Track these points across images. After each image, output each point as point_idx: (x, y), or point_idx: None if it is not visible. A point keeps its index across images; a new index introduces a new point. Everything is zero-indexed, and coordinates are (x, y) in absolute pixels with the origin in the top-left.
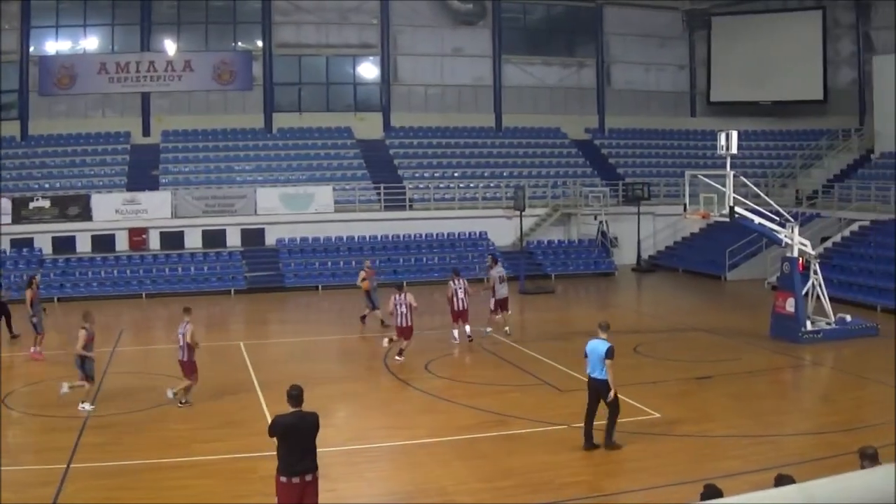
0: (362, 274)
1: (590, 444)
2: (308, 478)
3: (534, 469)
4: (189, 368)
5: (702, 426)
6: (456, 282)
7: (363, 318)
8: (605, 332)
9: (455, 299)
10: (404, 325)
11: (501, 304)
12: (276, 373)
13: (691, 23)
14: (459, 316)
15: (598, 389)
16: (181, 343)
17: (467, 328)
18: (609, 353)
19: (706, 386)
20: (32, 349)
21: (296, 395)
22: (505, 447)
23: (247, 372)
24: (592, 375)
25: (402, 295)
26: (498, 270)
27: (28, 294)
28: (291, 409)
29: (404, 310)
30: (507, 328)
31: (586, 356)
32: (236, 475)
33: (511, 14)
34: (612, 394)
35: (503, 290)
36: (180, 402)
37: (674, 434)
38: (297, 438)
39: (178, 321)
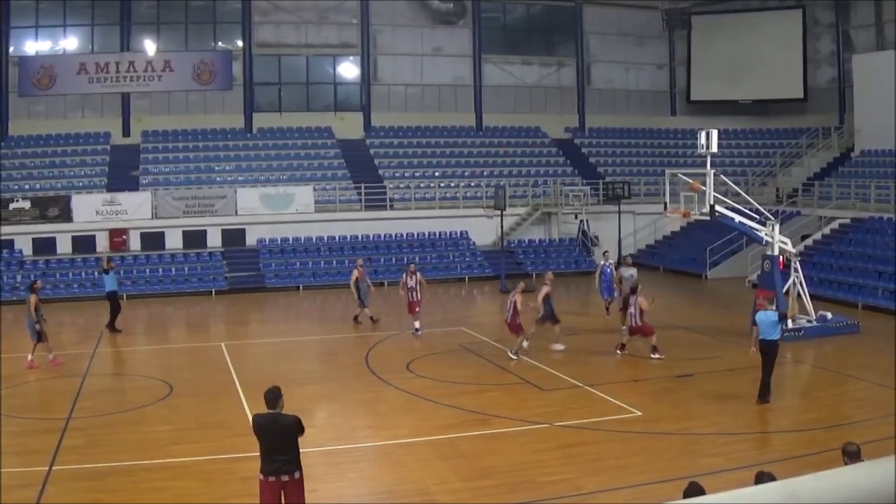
0: (355, 273)
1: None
2: (285, 478)
3: (515, 468)
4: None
5: (682, 424)
6: (409, 276)
7: (356, 318)
8: (772, 304)
9: (409, 292)
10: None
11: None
12: (257, 373)
13: (671, 22)
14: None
15: (767, 350)
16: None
17: (416, 323)
18: (780, 317)
19: (687, 384)
20: (50, 356)
21: (270, 398)
22: (486, 446)
23: (228, 373)
24: (763, 338)
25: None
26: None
27: (32, 300)
28: (267, 410)
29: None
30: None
31: (755, 324)
32: (216, 476)
33: (491, 14)
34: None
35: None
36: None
37: (655, 432)
38: (269, 439)
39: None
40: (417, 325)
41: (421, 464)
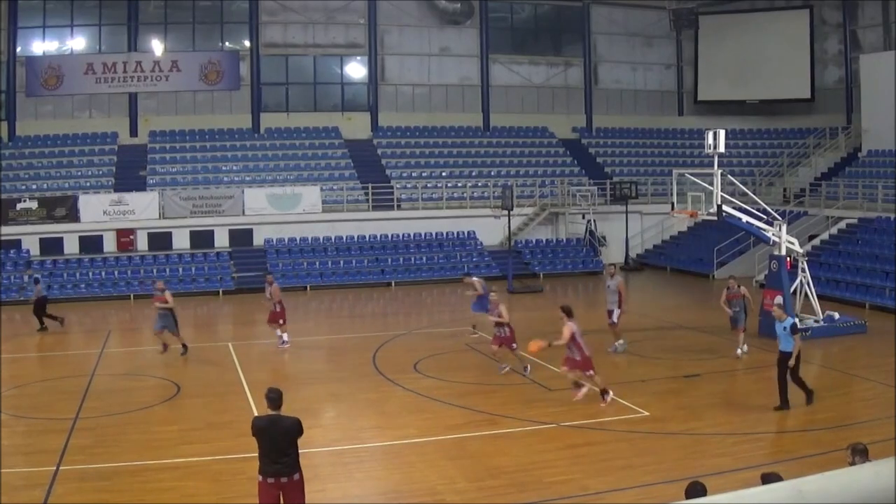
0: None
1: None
2: (283, 480)
3: (522, 468)
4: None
5: (689, 424)
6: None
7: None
8: (781, 308)
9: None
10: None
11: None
12: (264, 374)
13: (678, 22)
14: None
15: (779, 360)
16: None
17: (278, 331)
18: (792, 330)
19: (694, 384)
20: None
21: (272, 399)
22: (493, 446)
23: (235, 373)
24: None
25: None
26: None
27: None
28: (268, 412)
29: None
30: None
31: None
32: (223, 476)
33: (498, 14)
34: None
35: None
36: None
37: (661, 432)
38: (268, 441)
39: None
40: (285, 336)
41: (428, 464)
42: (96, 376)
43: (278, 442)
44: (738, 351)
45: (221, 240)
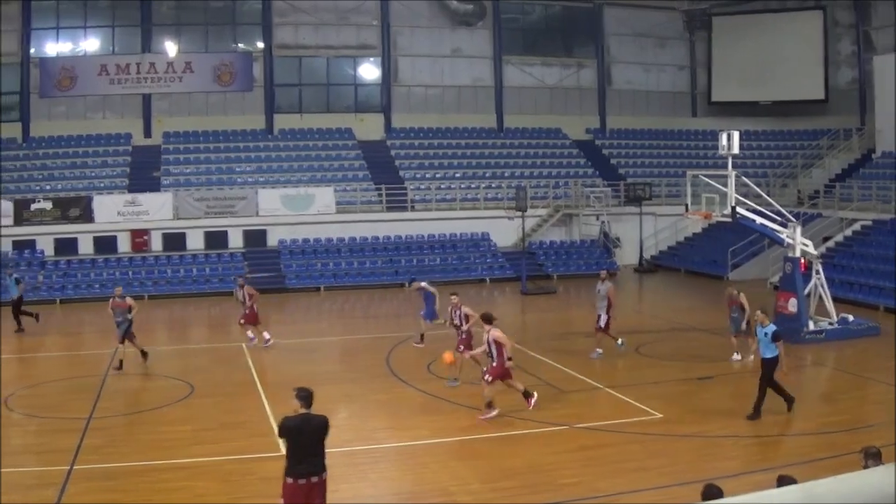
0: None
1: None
2: (314, 479)
3: (535, 469)
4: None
5: (702, 426)
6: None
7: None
8: (768, 318)
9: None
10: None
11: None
12: (278, 374)
13: (691, 23)
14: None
15: (762, 366)
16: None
17: (265, 333)
18: (773, 337)
19: (707, 386)
20: None
21: (305, 397)
22: (506, 448)
23: (249, 373)
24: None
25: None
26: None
27: None
28: (300, 411)
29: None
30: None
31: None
32: (235, 477)
33: (510, 15)
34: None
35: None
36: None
37: (674, 434)
38: (302, 440)
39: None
40: (266, 335)
41: (441, 465)
42: (109, 376)
43: (309, 441)
44: (734, 357)
45: (235, 240)
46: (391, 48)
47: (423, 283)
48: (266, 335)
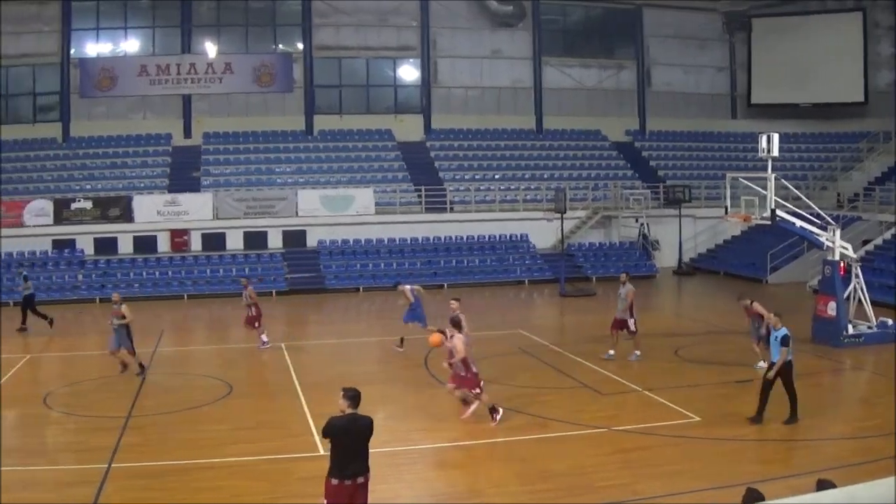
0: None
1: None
2: (359, 480)
3: (572, 472)
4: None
5: (741, 430)
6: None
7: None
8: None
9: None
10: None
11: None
12: (316, 374)
13: (731, 24)
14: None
15: (783, 371)
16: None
17: (262, 335)
18: (783, 342)
19: (745, 389)
20: None
21: (352, 397)
22: (543, 450)
23: (288, 373)
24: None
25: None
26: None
27: None
28: (347, 411)
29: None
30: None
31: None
32: (272, 476)
33: (550, 16)
34: (771, 373)
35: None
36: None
37: (712, 437)
38: (347, 441)
39: None
40: (264, 337)
41: (478, 467)
42: (149, 375)
43: (355, 442)
44: (759, 364)
45: (274, 241)
46: (431, 49)
47: (410, 286)
48: (264, 338)
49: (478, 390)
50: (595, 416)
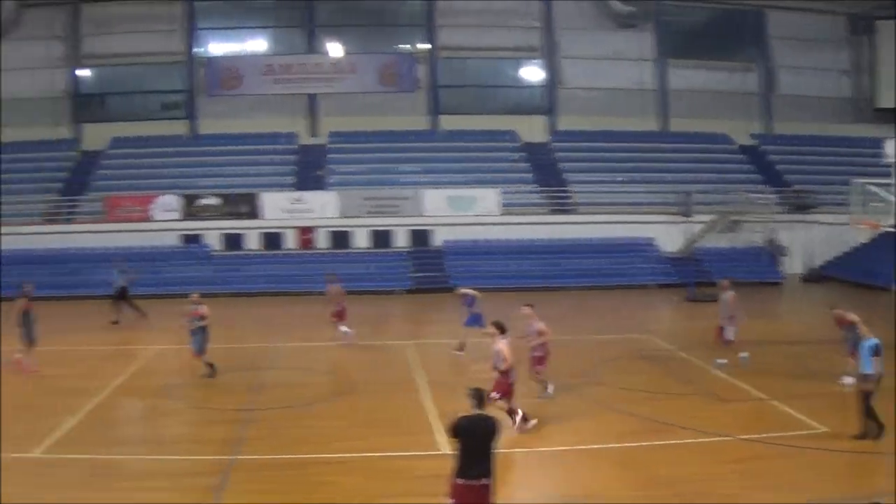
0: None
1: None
2: (484, 481)
3: (690, 479)
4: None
5: (865, 442)
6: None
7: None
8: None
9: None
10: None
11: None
12: (438, 373)
13: (855, 27)
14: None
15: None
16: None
17: (342, 327)
18: (874, 351)
19: (877, 400)
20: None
21: (477, 398)
22: (662, 456)
23: (407, 371)
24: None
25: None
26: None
27: (22, 304)
28: (473, 411)
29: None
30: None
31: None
32: (387, 475)
33: (672, 17)
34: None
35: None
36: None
37: (835, 449)
38: (474, 441)
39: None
40: (345, 329)
41: (594, 470)
42: (270, 370)
43: (480, 443)
44: (846, 380)
45: (399, 240)
46: (553, 50)
47: (467, 290)
48: (347, 330)
49: (496, 395)
50: (716, 423)
